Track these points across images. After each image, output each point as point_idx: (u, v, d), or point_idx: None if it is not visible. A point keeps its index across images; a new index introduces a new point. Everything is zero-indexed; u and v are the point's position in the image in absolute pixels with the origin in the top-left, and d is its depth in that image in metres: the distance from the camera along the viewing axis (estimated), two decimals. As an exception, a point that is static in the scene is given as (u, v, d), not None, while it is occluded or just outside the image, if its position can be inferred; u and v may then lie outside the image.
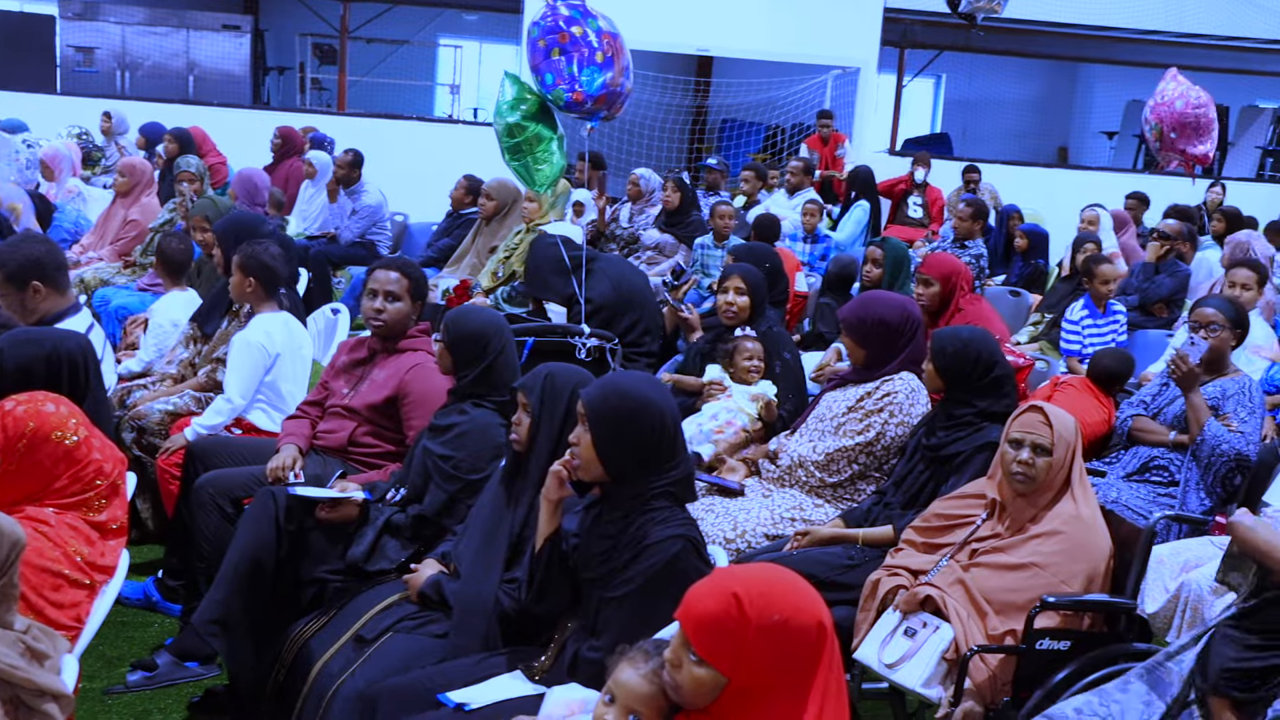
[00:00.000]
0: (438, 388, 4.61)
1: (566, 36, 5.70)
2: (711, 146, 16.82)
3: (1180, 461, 5.24)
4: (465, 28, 18.80)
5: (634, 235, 9.99)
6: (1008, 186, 13.90)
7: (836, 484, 4.87)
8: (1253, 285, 7.28)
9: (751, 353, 5.44)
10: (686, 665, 2.38)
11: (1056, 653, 3.83)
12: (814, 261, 9.73)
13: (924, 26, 16.29)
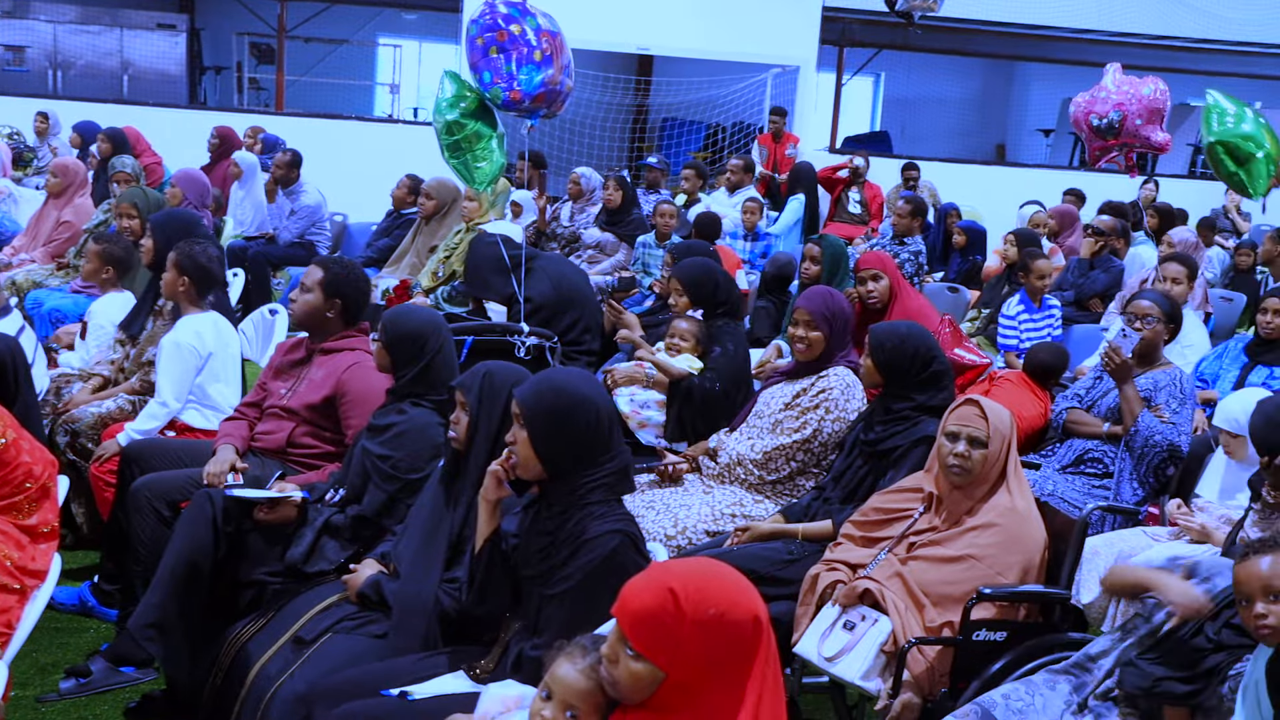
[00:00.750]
0: (375, 387, 4.58)
1: (505, 35, 5.68)
2: (652, 145, 16.84)
3: (1114, 453, 5.30)
4: (405, 27, 18.69)
5: (575, 234, 9.98)
6: (946, 184, 14.02)
7: (776, 480, 4.89)
8: (1183, 280, 7.39)
9: (675, 332, 5.45)
10: (623, 660, 2.38)
11: (993, 644, 3.87)
12: (755, 259, 9.77)
13: (863, 25, 16.39)
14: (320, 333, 4.86)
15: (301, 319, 4.87)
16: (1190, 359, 7.00)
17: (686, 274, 5.82)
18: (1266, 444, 4.03)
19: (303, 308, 4.84)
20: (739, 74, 15.62)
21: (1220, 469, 4.92)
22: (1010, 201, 12.20)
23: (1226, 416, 4.78)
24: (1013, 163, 20.28)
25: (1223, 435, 4.80)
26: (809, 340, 4.99)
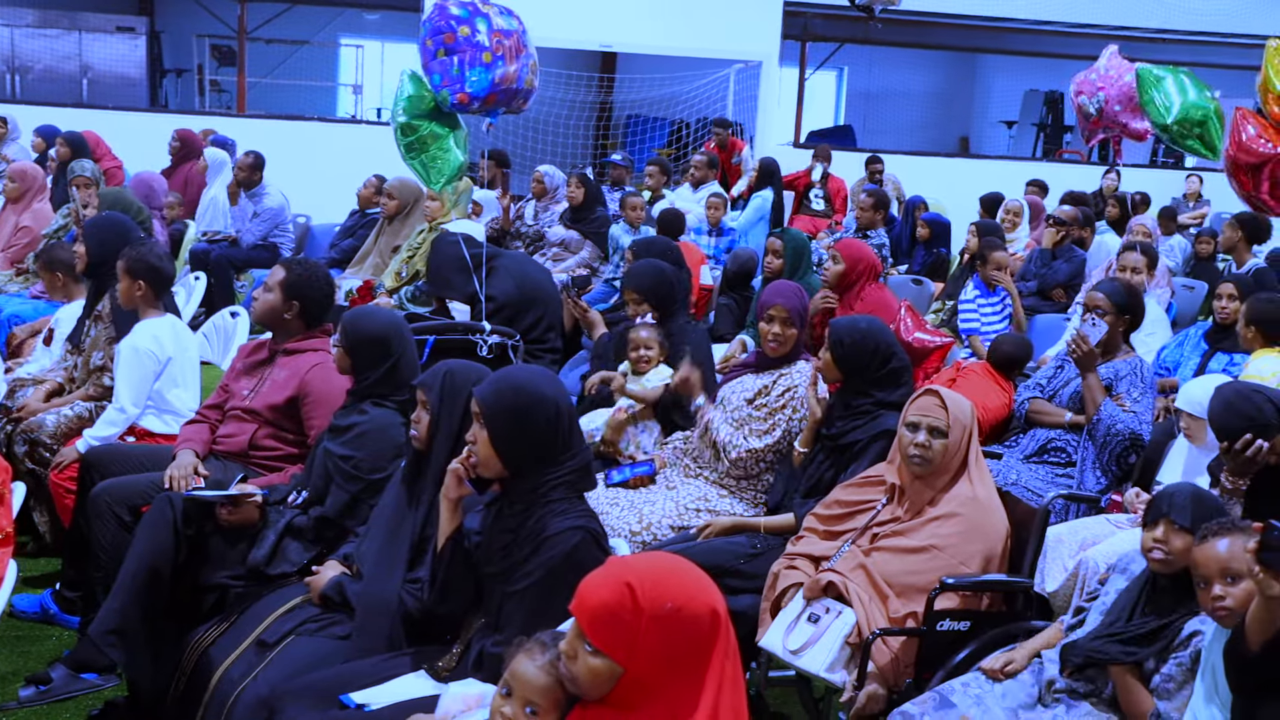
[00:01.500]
0: (338, 388, 4.55)
1: (452, 37, 5.65)
2: (616, 142, 16.83)
3: (1077, 442, 5.32)
4: (366, 27, 18.62)
5: (539, 233, 9.96)
6: (910, 176, 14.06)
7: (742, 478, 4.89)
8: (1142, 269, 7.44)
9: (637, 343, 5.42)
10: (582, 656, 2.38)
11: (957, 633, 3.90)
12: (719, 254, 9.76)
13: (824, 20, 16.44)
14: (282, 333, 4.83)
15: (261, 318, 4.85)
16: (1152, 347, 7.05)
17: (639, 281, 5.75)
18: (1225, 429, 4.05)
19: (263, 307, 4.82)
20: (702, 70, 15.64)
21: (1181, 455, 4.94)
22: (974, 193, 12.24)
23: (1189, 399, 4.80)
24: (976, 155, 20.39)
25: (1184, 418, 4.82)
26: (784, 338, 4.99)
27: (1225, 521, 3.21)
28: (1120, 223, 11.67)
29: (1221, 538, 3.12)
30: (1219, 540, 3.12)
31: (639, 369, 5.42)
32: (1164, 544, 3.39)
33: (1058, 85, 20.39)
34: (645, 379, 5.40)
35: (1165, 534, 3.40)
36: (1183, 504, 3.42)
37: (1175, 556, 3.38)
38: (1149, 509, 3.52)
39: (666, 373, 5.39)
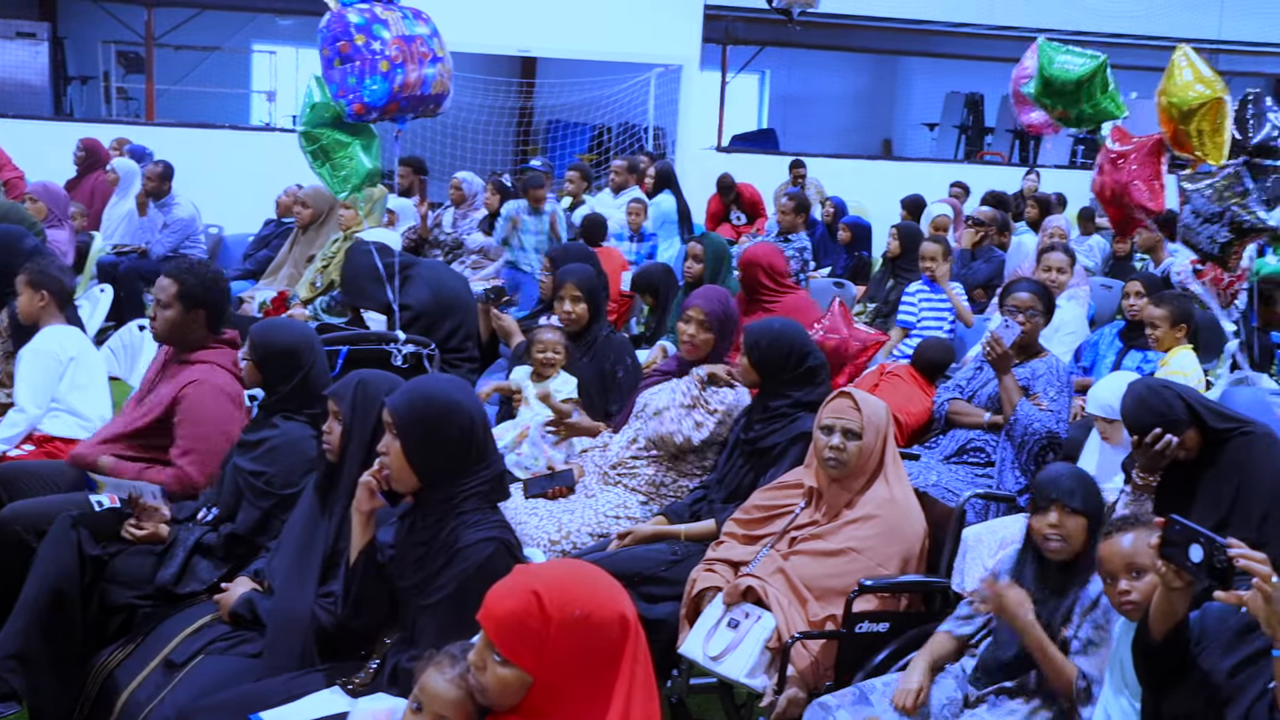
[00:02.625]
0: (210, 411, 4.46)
1: (347, 46, 5.55)
2: (537, 148, 16.78)
3: (996, 442, 5.35)
4: (280, 33, 18.39)
5: (458, 240, 9.89)
6: (833, 179, 14.14)
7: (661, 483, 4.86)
8: (1066, 269, 7.53)
9: (545, 344, 5.37)
10: (491, 666, 2.36)
11: (876, 635, 3.90)
12: (640, 260, 9.76)
13: (746, 23, 16.49)
14: (185, 345, 4.70)
15: (166, 337, 4.69)
16: (1070, 346, 7.12)
17: (580, 277, 5.70)
18: (1137, 424, 4.09)
19: (164, 326, 4.63)
20: (622, 74, 15.64)
21: (1096, 453, 4.99)
22: (896, 196, 12.32)
23: (1098, 402, 4.85)
24: (899, 157, 20.57)
25: (1097, 421, 4.86)
26: (697, 342, 4.98)
27: (1129, 517, 3.25)
28: (1039, 223, 11.79)
29: (1126, 533, 3.17)
30: (1124, 536, 3.16)
31: (543, 372, 5.37)
32: (1059, 529, 3.47)
33: (978, 87, 20.65)
34: (549, 384, 5.35)
35: (1060, 519, 3.47)
36: (1070, 487, 3.50)
37: (1070, 540, 3.46)
38: (1036, 496, 3.56)
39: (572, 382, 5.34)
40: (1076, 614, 3.42)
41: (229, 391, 4.47)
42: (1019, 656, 3.49)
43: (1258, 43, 18.12)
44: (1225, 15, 17.13)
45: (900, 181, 13.70)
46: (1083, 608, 3.42)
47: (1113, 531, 3.20)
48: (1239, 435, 3.95)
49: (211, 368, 4.59)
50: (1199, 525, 2.67)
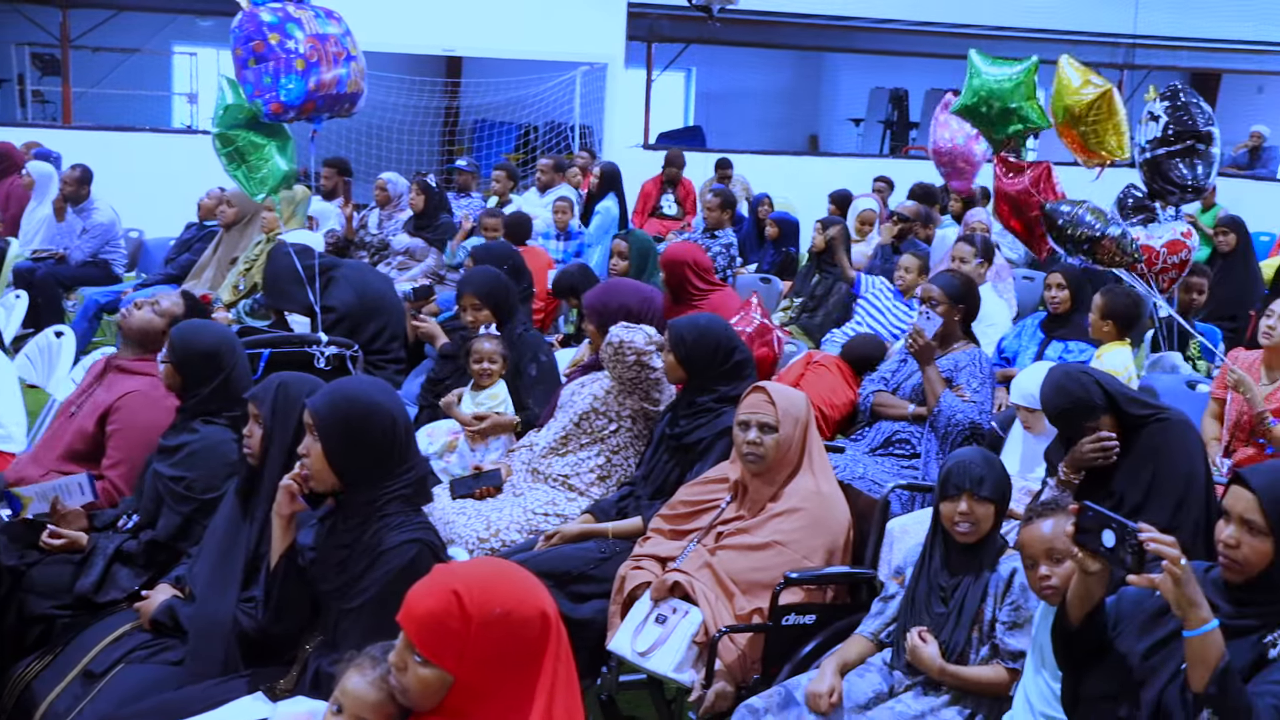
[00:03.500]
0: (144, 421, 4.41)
1: (261, 45, 5.48)
2: (463, 148, 16.70)
3: (921, 434, 5.40)
4: (200, 34, 18.13)
5: (384, 241, 9.81)
6: (760, 176, 14.17)
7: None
8: (969, 259, 7.60)
9: (481, 354, 5.34)
10: (411, 667, 2.35)
11: (803, 627, 3.91)
12: (567, 259, 9.73)
13: (670, 21, 16.50)
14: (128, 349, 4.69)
15: (136, 333, 4.73)
16: (992, 337, 7.20)
17: (476, 287, 5.65)
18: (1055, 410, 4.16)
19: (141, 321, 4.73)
20: (548, 73, 15.61)
21: (1019, 443, 5.05)
22: (823, 191, 12.38)
23: (1021, 392, 4.91)
24: (825, 153, 20.69)
25: (1020, 411, 4.92)
26: (590, 335, 5.02)
27: (1049, 503, 3.30)
28: (963, 216, 11.89)
29: (1046, 519, 3.22)
30: (1043, 522, 3.21)
31: (481, 382, 5.34)
32: (969, 516, 3.53)
33: (903, 82, 20.82)
34: (486, 394, 5.32)
35: (970, 506, 3.53)
36: (980, 475, 3.56)
37: (979, 525, 3.54)
38: (945, 482, 3.61)
39: (502, 395, 5.31)
40: (991, 596, 3.48)
41: (167, 404, 4.39)
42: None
43: (1173, 37, 18.44)
44: (1141, 10, 17.40)
45: (827, 177, 13.78)
46: (996, 590, 3.47)
47: (1033, 518, 3.25)
48: (1155, 421, 4.03)
49: (153, 380, 4.52)
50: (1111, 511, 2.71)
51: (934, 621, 3.55)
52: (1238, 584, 2.77)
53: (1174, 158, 6.76)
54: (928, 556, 3.67)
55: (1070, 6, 17.77)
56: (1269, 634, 2.71)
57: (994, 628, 3.45)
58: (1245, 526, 2.73)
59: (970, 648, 3.48)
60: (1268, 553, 2.71)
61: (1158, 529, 2.65)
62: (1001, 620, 3.43)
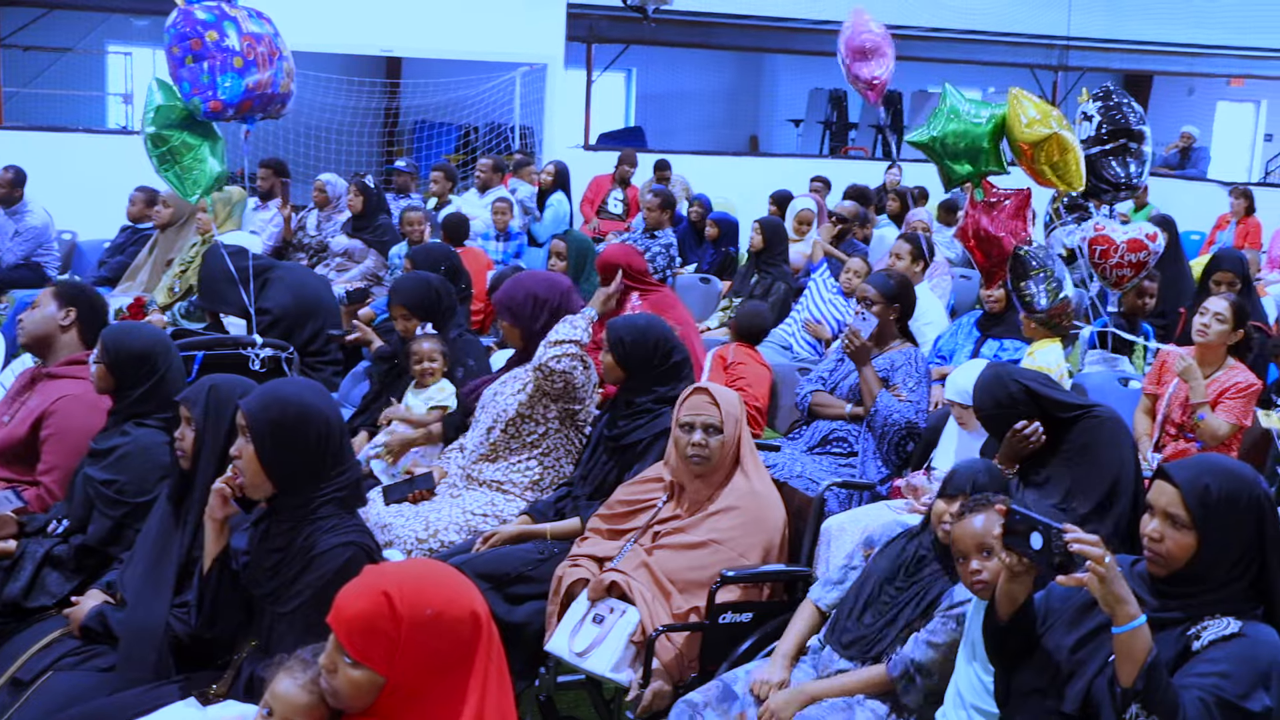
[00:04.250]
0: (80, 425, 4.34)
1: (199, 43, 5.43)
2: (403, 149, 16.62)
3: (858, 432, 5.44)
4: (135, 34, 17.90)
5: (322, 243, 9.74)
6: (701, 176, 14.20)
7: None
8: (906, 257, 7.67)
9: (421, 355, 5.32)
10: (342, 669, 2.35)
11: (739, 625, 3.93)
12: (507, 259, 9.72)
13: (610, 21, 16.49)
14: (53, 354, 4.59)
15: (35, 334, 4.62)
16: (929, 336, 7.27)
17: (404, 296, 5.61)
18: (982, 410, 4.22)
19: (37, 321, 4.61)
20: (487, 74, 15.55)
21: (954, 439, 5.10)
22: (764, 191, 12.43)
23: (956, 388, 4.96)
24: (764, 153, 20.77)
25: (954, 407, 4.97)
26: (503, 329, 5.05)
27: (981, 499, 3.33)
28: (901, 216, 12.00)
29: (978, 514, 3.25)
30: (975, 517, 3.24)
31: (424, 381, 5.33)
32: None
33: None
34: (427, 394, 5.30)
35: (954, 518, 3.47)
36: (982, 484, 3.53)
37: None
38: (949, 481, 3.61)
39: (449, 389, 5.30)
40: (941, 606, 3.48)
41: (101, 409, 4.33)
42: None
43: (1106, 39, 18.68)
44: (1074, 13, 17.62)
45: (767, 177, 13.83)
46: (946, 604, 3.48)
47: (965, 513, 3.28)
48: (1085, 419, 4.10)
49: (86, 385, 4.44)
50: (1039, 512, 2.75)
51: (876, 605, 3.58)
52: (1162, 577, 2.81)
53: (1107, 156, 6.84)
54: (906, 543, 3.69)
55: (1005, 9, 17.95)
56: (1193, 626, 2.75)
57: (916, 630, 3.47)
58: (1168, 520, 2.77)
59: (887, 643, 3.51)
60: (1191, 546, 2.75)
61: (1087, 524, 2.69)
62: (927, 628, 3.45)
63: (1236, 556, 2.76)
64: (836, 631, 3.65)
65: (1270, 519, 2.78)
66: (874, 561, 3.72)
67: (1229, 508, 2.75)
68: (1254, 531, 2.77)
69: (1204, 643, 2.70)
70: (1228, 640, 2.68)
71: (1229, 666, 2.64)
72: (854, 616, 3.63)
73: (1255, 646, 2.68)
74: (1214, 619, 2.74)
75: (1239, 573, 2.77)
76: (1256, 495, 2.79)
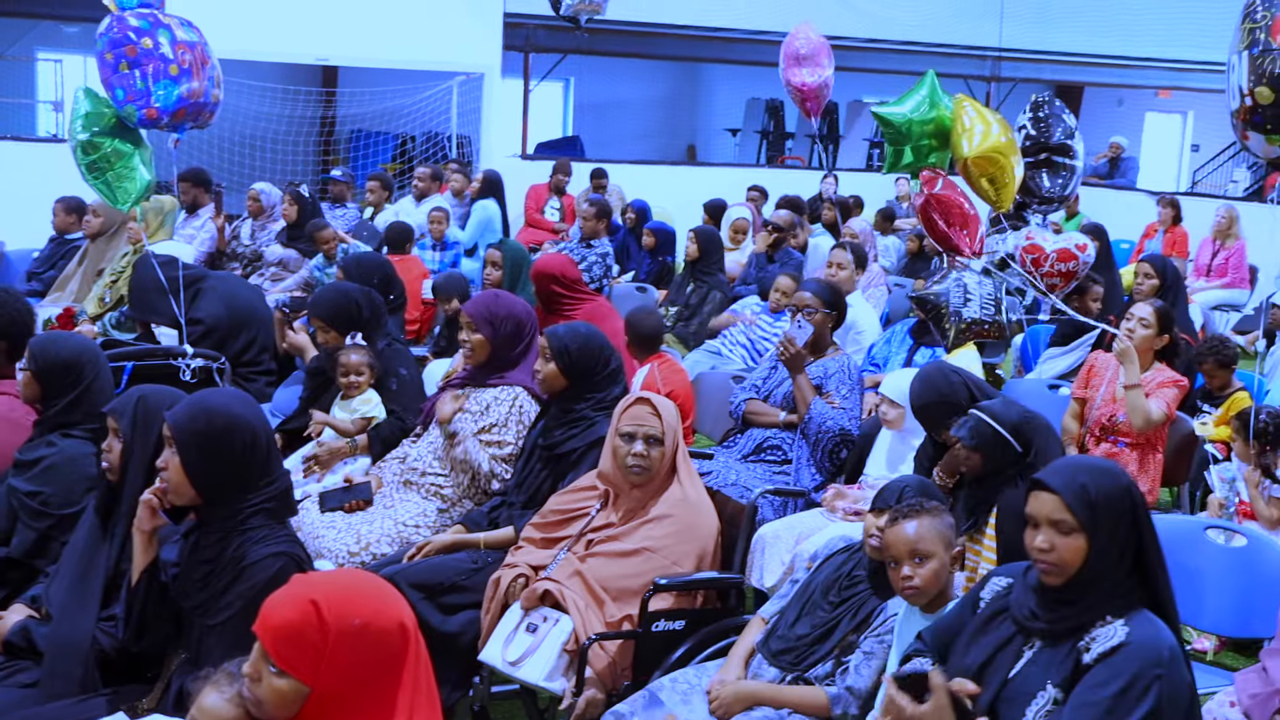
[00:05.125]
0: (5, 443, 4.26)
1: (134, 49, 5.38)
2: (339, 158, 16.52)
3: (793, 440, 5.47)
4: (66, 41, 17.66)
5: (257, 252, 9.67)
6: (639, 185, 14.24)
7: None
8: (848, 265, 7.72)
9: (348, 367, 5.28)
10: (266, 677, 2.34)
11: (673, 633, 3.94)
12: (443, 268, 9.69)
13: (547, 31, 16.48)
14: None
15: None
16: (862, 344, 7.32)
17: (320, 310, 5.55)
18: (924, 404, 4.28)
19: None
20: (425, 83, 15.51)
21: (885, 444, 5.15)
22: (700, 201, 12.49)
23: (893, 387, 5.02)
24: (702, 162, 20.84)
25: (885, 404, 5.02)
26: (473, 343, 4.97)
27: (915, 504, 3.36)
28: (836, 225, 12.09)
29: (911, 520, 3.27)
30: (908, 523, 3.27)
31: (350, 394, 5.29)
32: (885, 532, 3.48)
33: (778, 94, 21.00)
34: (353, 405, 5.27)
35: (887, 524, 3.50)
36: (911, 497, 3.52)
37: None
38: (878, 496, 3.64)
39: (374, 399, 5.27)
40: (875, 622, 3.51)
41: (26, 424, 4.26)
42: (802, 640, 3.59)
43: (1037, 51, 18.92)
44: (1006, 24, 17.85)
45: (704, 186, 13.90)
46: (880, 618, 3.51)
47: (899, 518, 3.31)
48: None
49: (11, 401, 4.41)
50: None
51: (811, 617, 3.60)
52: (1058, 586, 2.80)
53: (1039, 169, 6.94)
54: (846, 558, 3.71)
55: (939, 21, 18.14)
56: (1082, 636, 2.76)
57: (852, 651, 3.48)
58: (1055, 528, 2.77)
59: (820, 659, 3.53)
60: (1083, 549, 2.75)
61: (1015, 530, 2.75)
62: (863, 649, 3.47)
63: (1121, 550, 2.77)
64: (770, 640, 3.67)
65: (1141, 507, 2.81)
66: (815, 573, 3.74)
67: (1109, 503, 2.77)
68: (1130, 522, 2.79)
69: (1094, 656, 2.71)
70: (1114, 653, 2.69)
71: (1117, 686, 2.66)
72: (789, 626, 3.65)
73: (1140, 655, 2.68)
74: (1102, 624, 2.75)
75: (1125, 568, 2.79)
76: (1127, 486, 2.81)
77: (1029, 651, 2.83)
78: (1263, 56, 4.66)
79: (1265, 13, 4.68)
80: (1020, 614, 2.86)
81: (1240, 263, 11.47)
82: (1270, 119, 4.73)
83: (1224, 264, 11.50)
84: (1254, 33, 4.69)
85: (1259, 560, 4.09)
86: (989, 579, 3.07)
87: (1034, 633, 2.83)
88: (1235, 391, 6.40)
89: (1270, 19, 4.65)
